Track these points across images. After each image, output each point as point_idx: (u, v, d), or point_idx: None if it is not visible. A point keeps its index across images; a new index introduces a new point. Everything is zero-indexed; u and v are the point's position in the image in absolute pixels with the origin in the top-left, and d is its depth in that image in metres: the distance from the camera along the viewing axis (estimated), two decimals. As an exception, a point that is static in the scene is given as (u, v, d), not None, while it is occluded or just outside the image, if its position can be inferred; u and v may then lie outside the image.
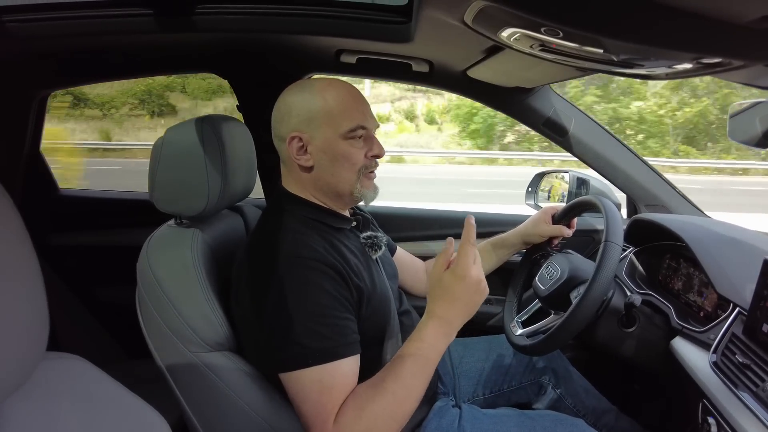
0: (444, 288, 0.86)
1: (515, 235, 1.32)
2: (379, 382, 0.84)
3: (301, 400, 0.83)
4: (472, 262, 0.86)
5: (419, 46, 1.21)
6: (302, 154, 0.95)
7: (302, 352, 0.82)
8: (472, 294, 0.85)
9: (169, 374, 0.95)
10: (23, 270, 0.42)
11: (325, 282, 0.87)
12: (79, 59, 1.48)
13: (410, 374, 0.84)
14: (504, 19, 0.73)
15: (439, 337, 0.86)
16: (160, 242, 1.00)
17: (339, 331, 0.86)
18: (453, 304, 0.86)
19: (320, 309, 0.85)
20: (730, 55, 0.60)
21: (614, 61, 0.75)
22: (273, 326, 0.84)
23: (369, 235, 1.05)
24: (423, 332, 0.86)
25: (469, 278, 0.85)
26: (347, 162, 0.95)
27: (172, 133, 1.00)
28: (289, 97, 0.97)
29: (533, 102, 1.49)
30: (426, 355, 0.85)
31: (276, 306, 0.84)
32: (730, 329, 0.91)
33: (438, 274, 0.88)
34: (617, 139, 1.51)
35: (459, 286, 0.85)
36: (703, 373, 0.89)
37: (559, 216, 1.28)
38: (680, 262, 1.21)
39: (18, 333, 0.41)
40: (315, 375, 0.82)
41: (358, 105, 0.96)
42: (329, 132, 0.94)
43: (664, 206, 1.50)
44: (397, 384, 0.83)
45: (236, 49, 1.44)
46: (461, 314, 0.86)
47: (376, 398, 0.82)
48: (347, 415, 0.81)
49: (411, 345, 0.86)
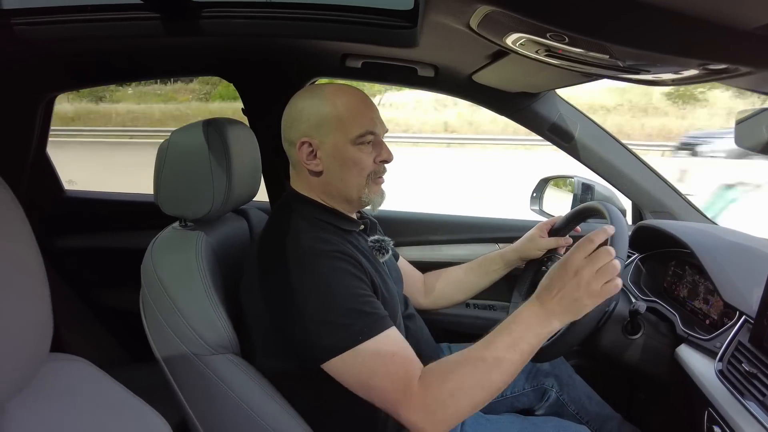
0: (552, 276, 0.87)
1: (512, 251, 1.31)
2: (468, 350, 0.85)
3: (368, 376, 0.83)
4: (582, 258, 0.84)
5: (425, 50, 1.21)
6: (312, 159, 0.96)
7: (348, 332, 0.83)
8: (578, 290, 0.83)
9: (172, 377, 0.95)
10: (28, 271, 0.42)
11: (350, 267, 0.89)
12: (87, 62, 1.49)
13: (501, 346, 0.83)
14: (509, 24, 0.73)
15: (533, 319, 0.85)
16: (164, 245, 1.00)
17: (376, 306, 0.88)
18: (555, 294, 0.85)
19: (353, 290, 0.87)
20: (737, 61, 0.60)
21: (620, 67, 0.75)
22: (310, 319, 0.85)
23: (377, 238, 1.06)
24: (521, 312, 0.87)
25: (578, 276, 0.83)
26: (356, 167, 0.96)
27: (177, 135, 1.01)
28: (300, 102, 0.98)
29: (538, 107, 1.49)
30: (518, 333, 0.84)
31: (309, 299, 0.85)
32: (736, 337, 0.90)
33: (562, 260, 0.88)
34: (622, 144, 1.51)
35: (565, 278, 0.85)
36: (708, 382, 0.88)
37: (562, 223, 1.27)
38: (685, 269, 1.20)
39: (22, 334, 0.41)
40: (370, 348, 0.83)
41: (368, 111, 0.97)
42: (339, 138, 0.94)
43: (669, 213, 1.49)
44: (486, 352, 0.83)
45: (242, 53, 1.44)
46: (561, 307, 0.84)
47: (465, 363, 0.83)
48: (434, 377, 0.83)
49: (506, 321, 0.87)
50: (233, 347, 0.95)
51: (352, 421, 0.96)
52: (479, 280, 1.33)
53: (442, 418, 0.81)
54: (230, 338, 0.94)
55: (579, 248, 0.86)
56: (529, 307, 0.87)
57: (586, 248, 0.85)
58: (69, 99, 13.90)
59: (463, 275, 1.35)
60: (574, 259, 0.85)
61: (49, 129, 1.76)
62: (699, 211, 1.49)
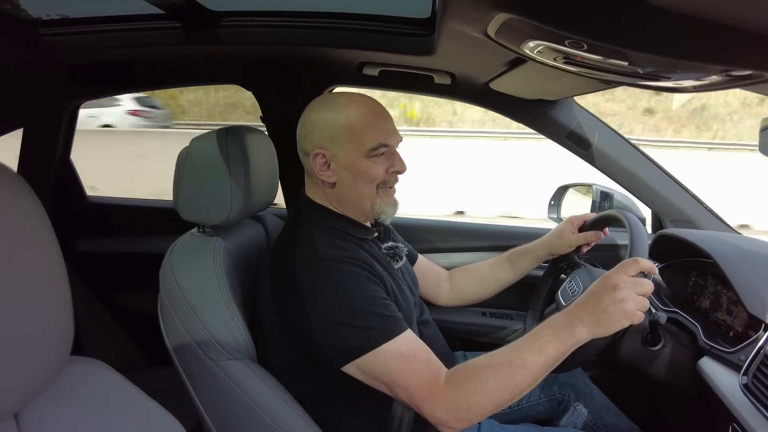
0: (591, 289, 0.88)
1: (540, 246, 1.29)
2: (495, 352, 0.87)
3: (394, 374, 0.85)
4: (625, 276, 0.85)
5: (442, 58, 1.21)
6: (325, 170, 0.97)
7: (368, 334, 0.85)
8: (613, 305, 0.83)
9: (189, 380, 0.96)
10: (51, 275, 0.43)
11: (364, 272, 0.91)
12: (111, 70, 1.53)
13: (527, 348, 0.85)
14: (527, 31, 0.72)
15: (561, 325, 0.86)
16: (182, 250, 1.01)
17: (393, 309, 0.91)
18: (586, 302, 0.86)
19: (370, 293, 0.89)
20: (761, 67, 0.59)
21: (640, 74, 0.74)
22: (328, 323, 0.86)
23: (390, 245, 1.06)
24: (552, 318, 0.88)
25: (617, 292, 0.84)
26: (366, 177, 0.97)
27: (196, 143, 1.02)
28: (313, 113, 0.98)
29: (556, 115, 1.47)
30: (545, 338, 0.85)
31: (326, 304, 0.87)
32: (762, 350, 0.87)
33: (604, 275, 0.89)
34: (642, 152, 1.49)
35: (603, 291, 0.85)
36: (733, 396, 0.86)
37: (589, 225, 1.25)
38: (707, 279, 1.17)
39: (44, 337, 0.42)
40: (391, 349, 0.85)
41: (381, 122, 0.97)
42: (352, 150, 0.95)
43: (690, 222, 1.46)
44: (513, 355, 0.85)
45: (260, 61, 1.46)
46: (591, 317, 0.85)
47: (491, 363, 0.85)
48: (460, 376, 0.85)
49: (536, 327, 0.88)
50: (249, 352, 0.95)
51: (366, 424, 0.96)
52: (506, 274, 1.32)
53: (465, 415, 0.83)
54: (246, 343, 0.95)
55: (624, 266, 0.86)
56: (560, 314, 0.88)
57: (631, 268, 0.86)
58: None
59: (490, 270, 1.34)
60: (617, 274, 0.86)
61: (73, 136, 1.81)
62: (721, 219, 1.46)
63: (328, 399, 0.96)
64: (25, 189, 0.42)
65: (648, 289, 0.85)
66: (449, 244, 1.64)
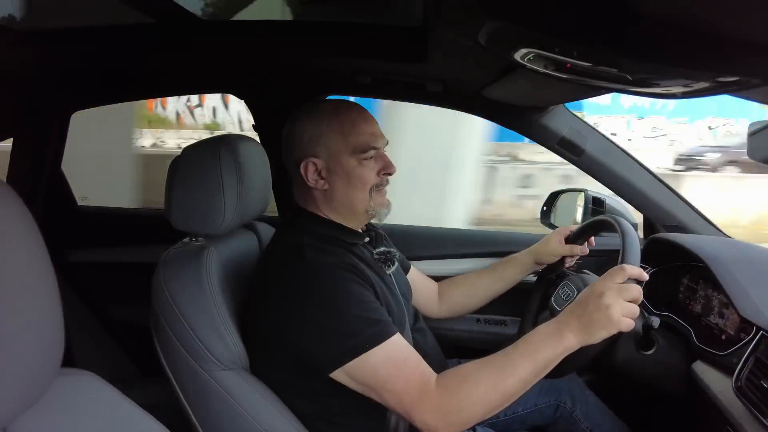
0: (579, 297, 0.89)
1: (527, 254, 1.30)
2: (486, 357, 0.87)
3: (383, 379, 0.84)
4: (611, 283, 0.85)
5: (433, 66, 1.22)
6: (316, 177, 0.97)
7: (357, 339, 0.84)
8: (598, 311, 0.83)
9: (182, 391, 0.95)
10: (41, 286, 0.43)
11: (355, 277, 0.91)
12: (102, 80, 1.52)
13: (518, 354, 0.85)
14: (518, 39, 0.73)
15: (549, 332, 0.86)
16: (174, 260, 1.01)
17: (382, 313, 0.90)
18: (574, 309, 0.86)
19: (359, 297, 0.88)
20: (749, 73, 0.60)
21: (629, 80, 0.75)
22: (316, 329, 0.86)
23: (382, 250, 1.06)
24: (541, 325, 0.89)
25: (602, 298, 0.83)
26: (360, 182, 0.97)
27: (188, 151, 1.02)
28: (299, 123, 0.99)
29: (547, 121, 1.48)
30: (534, 344, 0.85)
31: (314, 310, 0.86)
32: (754, 353, 0.88)
33: (592, 284, 0.90)
34: (633, 158, 1.50)
35: (590, 298, 0.85)
36: (726, 398, 0.86)
37: (574, 236, 1.26)
38: (699, 283, 1.18)
39: (34, 350, 0.42)
40: (380, 354, 0.84)
41: (367, 126, 0.98)
42: (341, 155, 0.96)
43: (682, 226, 1.47)
44: (504, 360, 0.85)
45: (254, 70, 1.46)
46: (578, 323, 0.84)
47: (482, 368, 0.85)
48: (450, 380, 0.85)
49: (528, 333, 0.89)
50: (242, 362, 0.95)
51: None
52: (494, 284, 1.32)
53: (456, 420, 0.83)
54: (239, 353, 0.94)
55: (611, 274, 0.87)
56: (551, 321, 0.88)
57: (618, 276, 0.86)
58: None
59: (478, 281, 1.34)
60: (603, 282, 0.86)
61: (64, 145, 1.79)
62: (712, 224, 1.47)
63: (322, 411, 0.95)
64: (14, 199, 0.42)
65: (636, 295, 0.85)
66: (445, 250, 1.64)
